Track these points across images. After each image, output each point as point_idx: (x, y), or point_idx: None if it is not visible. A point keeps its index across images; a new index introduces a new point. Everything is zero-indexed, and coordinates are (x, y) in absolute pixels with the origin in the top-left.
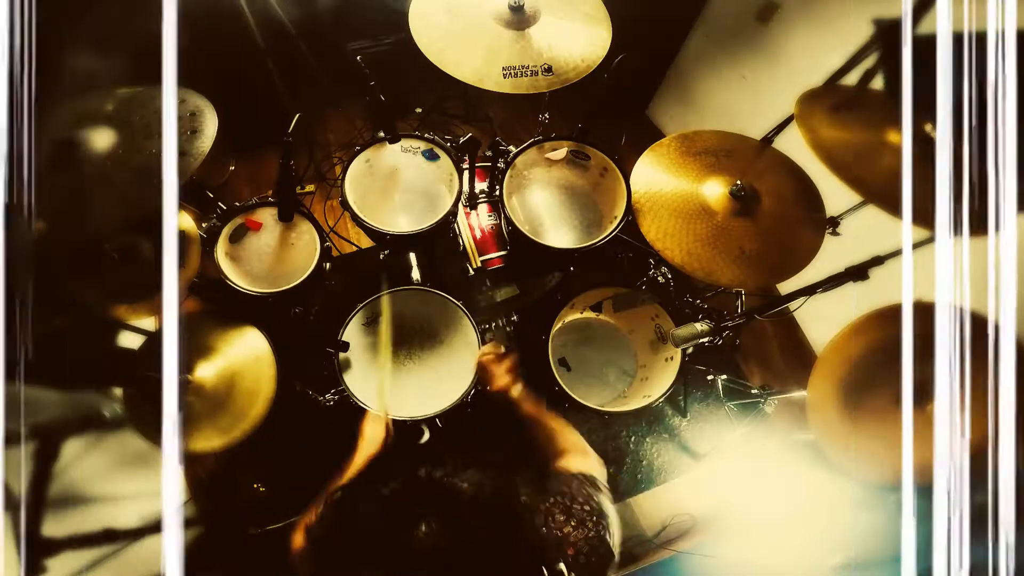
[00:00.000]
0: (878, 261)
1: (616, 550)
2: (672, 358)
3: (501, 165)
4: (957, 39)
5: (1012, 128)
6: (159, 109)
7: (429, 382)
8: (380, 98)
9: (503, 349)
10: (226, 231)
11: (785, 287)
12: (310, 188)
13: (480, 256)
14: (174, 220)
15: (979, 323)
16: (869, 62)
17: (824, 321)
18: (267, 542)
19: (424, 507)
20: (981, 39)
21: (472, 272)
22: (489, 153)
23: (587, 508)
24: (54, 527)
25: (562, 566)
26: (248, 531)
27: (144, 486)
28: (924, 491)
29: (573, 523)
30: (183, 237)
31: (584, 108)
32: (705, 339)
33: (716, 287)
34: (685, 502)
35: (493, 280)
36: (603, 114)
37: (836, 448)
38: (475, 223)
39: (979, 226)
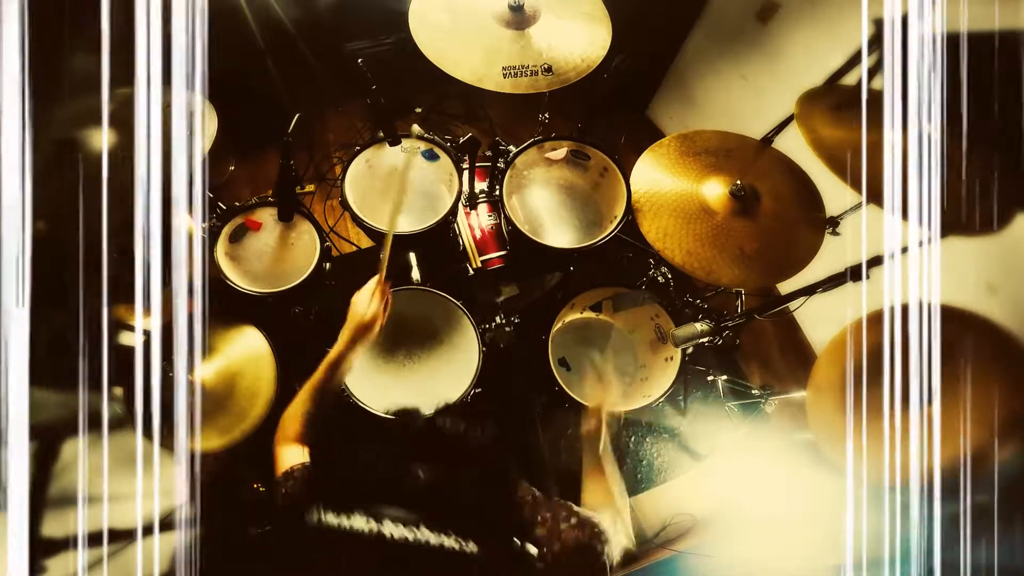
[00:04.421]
0: (878, 261)
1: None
2: (672, 358)
3: (501, 165)
4: (953, 39)
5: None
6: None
7: (428, 382)
8: (380, 100)
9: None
10: (226, 231)
11: (785, 287)
12: (310, 188)
13: (480, 256)
14: (177, 219)
15: (979, 325)
16: (869, 62)
17: (824, 321)
18: (268, 542)
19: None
20: (978, 39)
21: (472, 272)
22: (489, 153)
23: (592, 523)
24: (54, 527)
25: (531, 548)
26: (249, 531)
27: (144, 486)
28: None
29: (574, 521)
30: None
31: (584, 108)
32: (705, 339)
33: (716, 287)
34: (685, 502)
35: (493, 280)
36: (603, 114)
37: (835, 448)
38: (475, 223)
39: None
